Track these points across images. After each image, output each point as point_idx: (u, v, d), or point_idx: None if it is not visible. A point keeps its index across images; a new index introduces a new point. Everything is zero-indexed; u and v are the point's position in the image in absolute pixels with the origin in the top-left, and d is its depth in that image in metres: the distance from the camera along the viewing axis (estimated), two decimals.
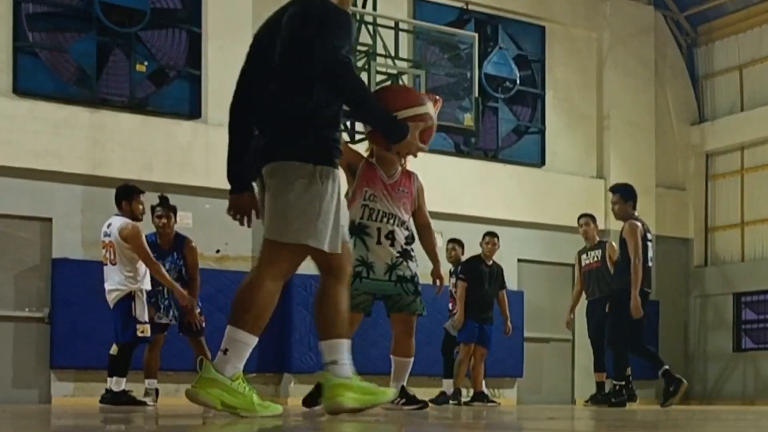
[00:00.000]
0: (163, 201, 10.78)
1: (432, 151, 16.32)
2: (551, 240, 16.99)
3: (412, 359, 8.00)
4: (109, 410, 8.63)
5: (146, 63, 14.27)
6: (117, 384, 10.29)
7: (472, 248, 16.79)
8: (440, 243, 16.48)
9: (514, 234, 17.07)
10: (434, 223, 18.11)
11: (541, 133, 17.85)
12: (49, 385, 13.41)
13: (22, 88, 13.52)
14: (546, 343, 16.94)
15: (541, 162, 17.77)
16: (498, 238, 13.15)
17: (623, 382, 11.32)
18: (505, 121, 17.45)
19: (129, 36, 14.12)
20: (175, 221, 10.84)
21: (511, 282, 17.00)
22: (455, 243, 13.86)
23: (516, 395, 16.85)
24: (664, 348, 18.52)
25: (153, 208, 10.73)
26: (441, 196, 16.35)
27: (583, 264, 13.13)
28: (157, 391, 10.89)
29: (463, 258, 13.58)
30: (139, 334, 10.14)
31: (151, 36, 14.47)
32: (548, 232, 17.27)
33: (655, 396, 18.33)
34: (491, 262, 13.17)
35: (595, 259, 12.95)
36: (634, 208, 11.58)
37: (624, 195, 11.59)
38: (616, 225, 18.01)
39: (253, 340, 5.14)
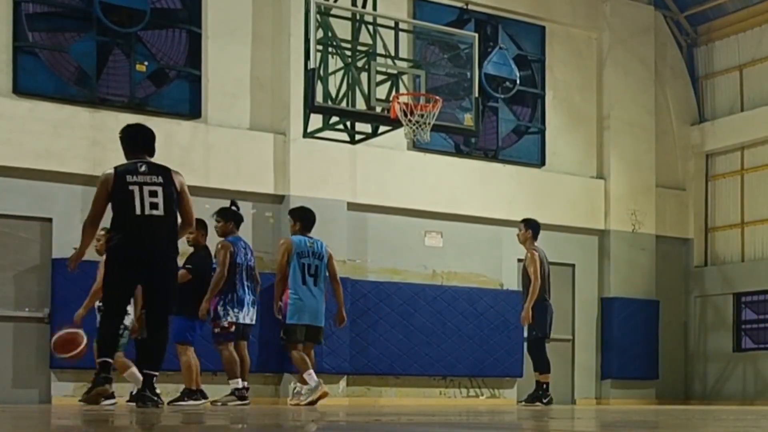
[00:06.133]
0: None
1: (432, 151, 16.40)
2: (551, 240, 16.96)
3: None
4: (107, 410, 8.62)
5: (146, 63, 14.27)
6: None
7: (471, 249, 16.83)
8: (440, 243, 16.56)
9: (514, 234, 17.04)
10: (434, 223, 18.14)
11: (541, 133, 17.84)
12: (49, 385, 13.40)
13: (22, 88, 13.52)
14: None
15: (541, 162, 17.76)
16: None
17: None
18: (505, 121, 17.44)
19: (129, 36, 14.12)
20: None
21: (511, 282, 17.02)
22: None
23: (516, 395, 16.84)
24: (664, 348, 18.54)
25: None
26: (441, 196, 16.38)
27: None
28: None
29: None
30: None
31: (151, 36, 14.47)
32: (548, 232, 17.24)
33: (655, 396, 18.34)
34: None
35: (522, 266, 13.68)
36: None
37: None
38: (617, 225, 18.14)
39: None
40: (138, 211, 8.48)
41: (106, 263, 8.75)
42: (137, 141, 8.91)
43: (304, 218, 11.75)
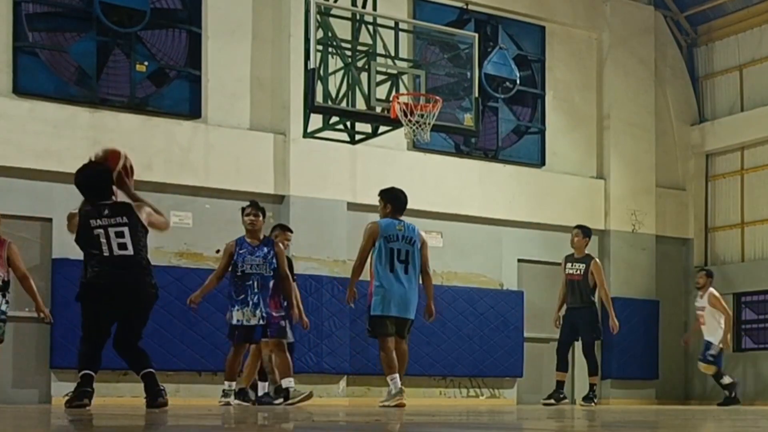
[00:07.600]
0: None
1: (432, 151, 16.39)
2: (551, 240, 16.99)
3: None
4: (104, 410, 8.62)
5: (146, 63, 14.27)
6: None
7: (471, 249, 16.83)
8: (440, 243, 16.55)
9: (514, 234, 17.07)
10: (434, 223, 18.14)
11: (541, 133, 17.84)
12: (49, 385, 13.40)
13: (22, 88, 13.52)
14: (546, 343, 16.93)
15: (541, 162, 17.76)
16: None
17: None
18: (505, 121, 17.44)
19: (129, 36, 14.12)
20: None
21: (512, 282, 17.02)
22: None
23: (516, 395, 16.85)
24: (664, 348, 18.53)
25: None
26: (441, 196, 16.37)
27: (567, 271, 14.15)
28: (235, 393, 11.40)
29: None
30: None
31: (151, 36, 14.47)
32: (548, 232, 17.28)
33: (655, 396, 18.34)
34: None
35: (578, 271, 14.00)
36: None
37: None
38: (617, 225, 18.13)
39: None
40: (106, 254, 8.30)
41: (80, 299, 8.47)
42: (95, 185, 8.50)
43: (395, 200, 10.72)
